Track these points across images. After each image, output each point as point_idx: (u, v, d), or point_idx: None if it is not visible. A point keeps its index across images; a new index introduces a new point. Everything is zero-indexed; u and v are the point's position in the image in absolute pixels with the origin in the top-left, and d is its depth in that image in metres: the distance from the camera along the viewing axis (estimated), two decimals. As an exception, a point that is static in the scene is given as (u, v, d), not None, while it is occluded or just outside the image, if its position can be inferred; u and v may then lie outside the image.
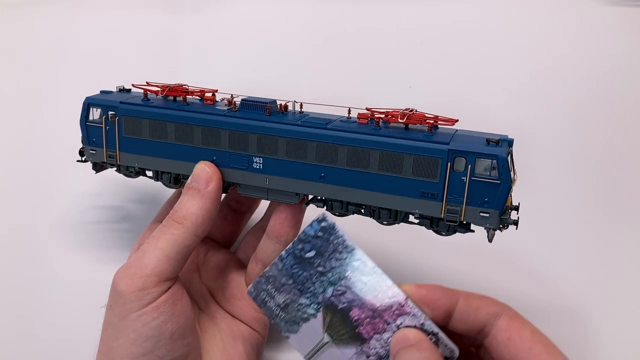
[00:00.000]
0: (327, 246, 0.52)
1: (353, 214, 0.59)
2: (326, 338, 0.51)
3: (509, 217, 0.53)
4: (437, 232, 0.57)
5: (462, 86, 0.74)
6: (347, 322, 0.51)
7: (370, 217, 0.59)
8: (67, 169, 0.73)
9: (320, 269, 0.52)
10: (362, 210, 0.59)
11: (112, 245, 0.83)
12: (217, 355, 0.64)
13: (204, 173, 0.60)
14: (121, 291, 0.56)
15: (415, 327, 0.49)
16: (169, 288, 0.57)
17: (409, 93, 0.77)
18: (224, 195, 0.64)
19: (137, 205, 0.83)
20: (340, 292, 0.51)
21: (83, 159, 0.69)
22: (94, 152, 0.66)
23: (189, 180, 0.60)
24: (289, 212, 0.61)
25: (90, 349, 0.64)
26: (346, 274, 0.51)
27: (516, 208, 0.54)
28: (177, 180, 0.65)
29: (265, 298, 0.54)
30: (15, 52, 0.87)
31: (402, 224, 0.58)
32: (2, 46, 0.87)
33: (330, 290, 0.51)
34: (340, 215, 0.60)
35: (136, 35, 0.84)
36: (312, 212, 0.62)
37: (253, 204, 0.75)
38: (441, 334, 0.48)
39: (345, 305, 0.51)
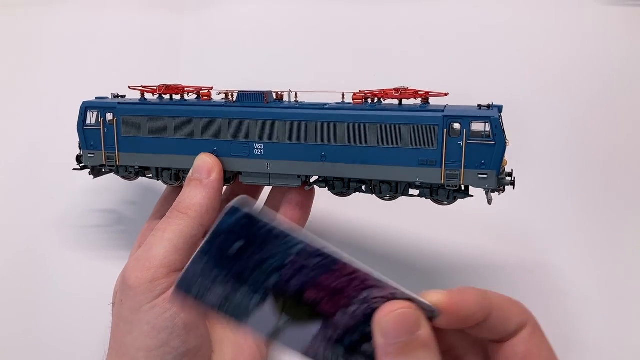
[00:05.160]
0: (256, 232, 0.41)
1: (355, 192, 0.61)
2: (283, 319, 0.43)
3: (505, 177, 0.55)
4: (438, 201, 0.59)
5: (461, 86, 0.77)
6: (302, 304, 0.42)
7: (372, 194, 0.60)
8: (63, 170, 0.73)
9: (256, 257, 0.42)
10: (364, 188, 0.60)
11: (110, 245, 0.82)
12: (228, 347, 0.63)
13: (205, 164, 0.61)
14: (132, 284, 0.55)
15: (386, 297, 0.41)
16: None
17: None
18: (226, 186, 0.65)
19: (131, 206, 0.83)
20: (287, 277, 0.42)
21: (80, 166, 0.69)
22: (92, 155, 0.67)
23: (190, 172, 0.61)
24: (300, 196, 0.63)
25: (91, 346, 0.63)
26: (290, 259, 0.41)
27: (510, 174, 0.57)
28: (177, 177, 0.66)
29: (200, 292, 0.43)
30: (14, 52, 0.87)
31: (403, 200, 0.60)
32: (3, 47, 0.88)
33: (274, 277, 0.42)
34: (342, 194, 0.61)
35: (135, 36, 0.85)
36: (319, 195, 0.63)
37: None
38: (415, 297, 0.42)
39: (296, 288, 0.42)
